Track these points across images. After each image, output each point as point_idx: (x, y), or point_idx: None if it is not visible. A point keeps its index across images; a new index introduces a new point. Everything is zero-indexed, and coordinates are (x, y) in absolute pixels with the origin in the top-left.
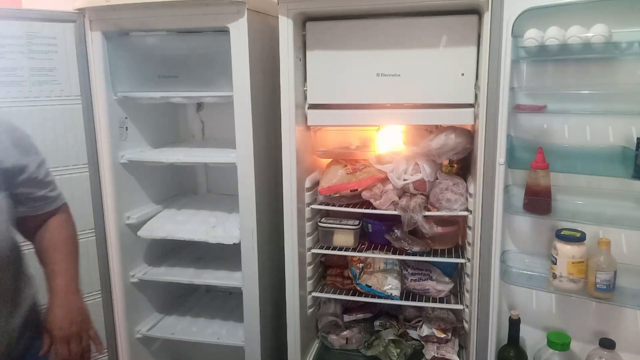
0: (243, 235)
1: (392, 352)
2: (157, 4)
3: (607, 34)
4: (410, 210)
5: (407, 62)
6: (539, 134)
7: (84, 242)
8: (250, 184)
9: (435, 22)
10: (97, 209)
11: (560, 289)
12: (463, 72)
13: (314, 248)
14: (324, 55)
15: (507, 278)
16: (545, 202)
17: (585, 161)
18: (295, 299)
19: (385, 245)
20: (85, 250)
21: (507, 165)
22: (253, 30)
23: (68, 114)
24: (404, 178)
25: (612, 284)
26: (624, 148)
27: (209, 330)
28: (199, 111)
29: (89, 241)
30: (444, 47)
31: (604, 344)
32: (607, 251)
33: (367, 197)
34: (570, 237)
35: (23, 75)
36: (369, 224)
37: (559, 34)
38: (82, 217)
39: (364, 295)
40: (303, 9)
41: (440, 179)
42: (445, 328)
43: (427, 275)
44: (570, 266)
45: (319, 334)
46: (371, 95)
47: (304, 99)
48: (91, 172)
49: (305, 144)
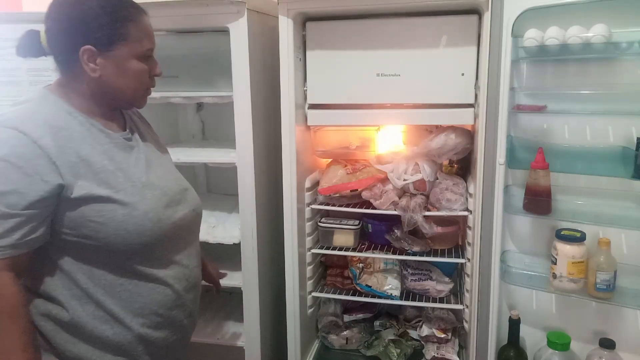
0: (243, 235)
1: (392, 352)
2: (157, 4)
3: (607, 33)
4: (410, 210)
5: (407, 62)
6: (539, 134)
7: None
8: (250, 184)
9: (435, 22)
10: None
11: (560, 289)
12: (463, 72)
13: (314, 248)
14: (324, 55)
15: (507, 278)
16: (545, 202)
17: (585, 161)
18: (295, 299)
19: (385, 245)
20: None
21: (507, 165)
22: (253, 30)
23: None
24: (404, 178)
25: (612, 284)
26: (623, 148)
27: (209, 330)
28: (199, 111)
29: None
30: (444, 47)
31: (604, 344)
32: (607, 251)
33: (367, 197)
34: (570, 237)
35: (21, 76)
36: (369, 224)
37: (559, 34)
38: None
39: (364, 295)
40: (303, 9)
41: (440, 179)
42: (445, 328)
43: (427, 275)
44: (570, 266)
45: (319, 334)
46: (371, 95)
47: (304, 99)
48: None
49: (305, 144)
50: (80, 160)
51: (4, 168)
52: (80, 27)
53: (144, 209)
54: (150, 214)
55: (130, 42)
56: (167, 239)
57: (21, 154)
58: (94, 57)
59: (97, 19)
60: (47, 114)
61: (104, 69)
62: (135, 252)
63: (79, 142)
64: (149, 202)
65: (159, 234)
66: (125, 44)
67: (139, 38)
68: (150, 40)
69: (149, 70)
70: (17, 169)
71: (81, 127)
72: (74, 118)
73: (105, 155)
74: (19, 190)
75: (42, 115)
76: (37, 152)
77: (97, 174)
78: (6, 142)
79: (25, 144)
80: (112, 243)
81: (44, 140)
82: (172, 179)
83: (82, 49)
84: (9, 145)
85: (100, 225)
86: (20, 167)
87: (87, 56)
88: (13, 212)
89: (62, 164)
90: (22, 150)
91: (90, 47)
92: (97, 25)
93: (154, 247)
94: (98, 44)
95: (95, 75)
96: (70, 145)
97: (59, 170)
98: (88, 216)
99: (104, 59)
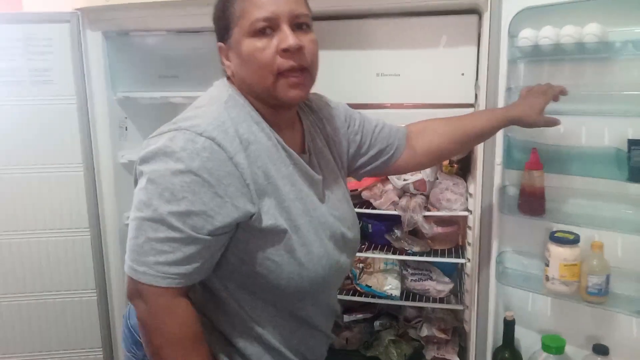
0: None
1: (392, 353)
2: (157, 4)
3: (599, 33)
4: (410, 210)
5: (407, 62)
6: (536, 135)
7: (79, 239)
8: None
9: (435, 22)
10: (91, 207)
11: (552, 291)
12: (463, 72)
13: None
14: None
15: (503, 279)
16: (539, 203)
17: (580, 163)
18: None
19: (385, 245)
20: (80, 248)
21: (504, 166)
22: None
23: (64, 114)
24: (404, 178)
25: (604, 288)
26: (617, 150)
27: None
28: None
29: (84, 239)
30: (444, 47)
31: (597, 350)
32: (599, 254)
33: (367, 197)
34: (562, 239)
35: (22, 76)
36: (369, 224)
37: (552, 34)
38: (77, 216)
39: (364, 296)
40: None
41: (440, 179)
42: (446, 328)
43: (427, 275)
44: (562, 268)
45: None
46: (371, 95)
47: None
48: (86, 171)
49: None
50: (267, 183)
51: (195, 184)
52: (214, 26)
53: (319, 254)
54: (323, 260)
55: (239, 21)
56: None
57: (215, 170)
58: (225, 52)
59: (217, 12)
60: (237, 122)
61: (233, 62)
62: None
63: (267, 160)
64: (325, 244)
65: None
66: (236, 26)
67: (246, 10)
68: (263, 8)
69: (271, 47)
70: (209, 187)
71: (269, 141)
72: (262, 129)
73: (287, 180)
74: (207, 212)
75: (233, 124)
76: (232, 171)
77: (281, 201)
78: (200, 153)
79: (221, 159)
80: (283, 286)
81: (239, 157)
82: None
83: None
84: (204, 158)
85: (275, 266)
86: (212, 185)
87: (223, 55)
88: (198, 236)
89: (254, 186)
90: (217, 166)
91: (220, 44)
92: (218, 18)
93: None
94: (222, 37)
95: (229, 73)
96: (259, 165)
97: (251, 195)
98: (267, 253)
99: (230, 52)
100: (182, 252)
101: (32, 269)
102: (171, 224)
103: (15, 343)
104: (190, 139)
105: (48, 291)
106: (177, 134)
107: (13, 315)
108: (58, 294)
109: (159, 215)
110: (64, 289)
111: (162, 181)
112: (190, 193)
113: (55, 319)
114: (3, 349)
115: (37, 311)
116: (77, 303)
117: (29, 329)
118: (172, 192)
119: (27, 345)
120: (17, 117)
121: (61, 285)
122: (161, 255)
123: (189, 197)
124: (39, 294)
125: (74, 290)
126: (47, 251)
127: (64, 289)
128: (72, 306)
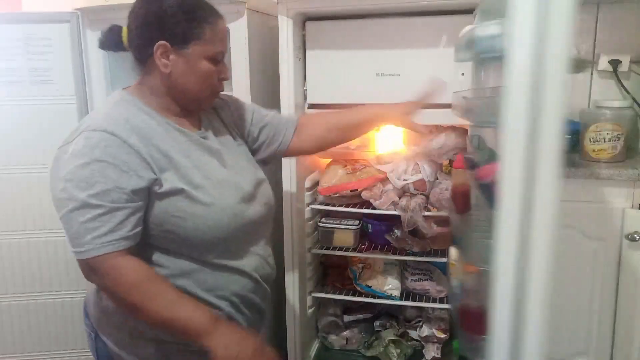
0: None
1: (392, 353)
2: None
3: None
4: (410, 210)
5: (407, 62)
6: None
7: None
8: None
9: (435, 22)
10: None
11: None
12: (463, 71)
13: (314, 248)
14: (323, 55)
15: None
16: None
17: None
18: (295, 299)
19: (385, 245)
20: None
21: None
22: (253, 30)
23: (64, 114)
24: (404, 178)
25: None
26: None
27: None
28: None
29: None
30: (444, 47)
31: None
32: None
33: (367, 197)
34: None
35: (22, 76)
36: (369, 224)
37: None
38: None
39: (364, 296)
40: (303, 9)
41: (440, 179)
42: (446, 328)
43: (427, 275)
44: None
45: (319, 334)
46: (371, 95)
47: (304, 99)
48: None
49: None
50: (162, 156)
51: (102, 168)
52: (158, 23)
53: (221, 205)
54: (227, 210)
55: (203, 43)
56: (242, 232)
57: (115, 153)
58: (167, 52)
59: (175, 17)
60: (127, 115)
61: (175, 65)
62: (214, 245)
63: (159, 139)
64: (226, 198)
65: (235, 228)
66: (199, 44)
67: (213, 40)
68: (223, 44)
69: (217, 73)
70: (114, 167)
71: (159, 126)
72: (152, 118)
73: (182, 154)
74: (119, 186)
75: (123, 116)
76: (129, 151)
77: (178, 169)
78: (98, 144)
79: (117, 144)
80: (192, 237)
81: (132, 140)
82: (246, 174)
83: (157, 44)
84: (102, 147)
85: (181, 221)
86: (116, 165)
87: (160, 51)
88: (119, 205)
89: (151, 160)
90: (115, 150)
91: (164, 43)
92: (174, 22)
93: (231, 241)
94: (173, 40)
95: (166, 71)
96: (152, 143)
97: (151, 167)
98: (171, 212)
99: (176, 55)
100: (111, 223)
101: (31, 269)
102: (93, 204)
103: (14, 343)
104: (88, 137)
105: (48, 291)
106: (78, 138)
107: (13, 315)
108: (58, 294)
109: (81, 201)
110: (64, 288)
111: (75, 177)
112: (101, 176)
113: (55, 318)
114: (3, 349)
115: (36, 311)
116: (77, 303)
117: (29, 329)
118: (86, 181)
119: (26, 345)
120: (17, 117)
121: (61, 285)
122: (95, 231)
123: (101, 180)
124: (39, 293)
125: (74, 290)
126: (46, 251)
127: (63, 288)
128: (72, 306)
